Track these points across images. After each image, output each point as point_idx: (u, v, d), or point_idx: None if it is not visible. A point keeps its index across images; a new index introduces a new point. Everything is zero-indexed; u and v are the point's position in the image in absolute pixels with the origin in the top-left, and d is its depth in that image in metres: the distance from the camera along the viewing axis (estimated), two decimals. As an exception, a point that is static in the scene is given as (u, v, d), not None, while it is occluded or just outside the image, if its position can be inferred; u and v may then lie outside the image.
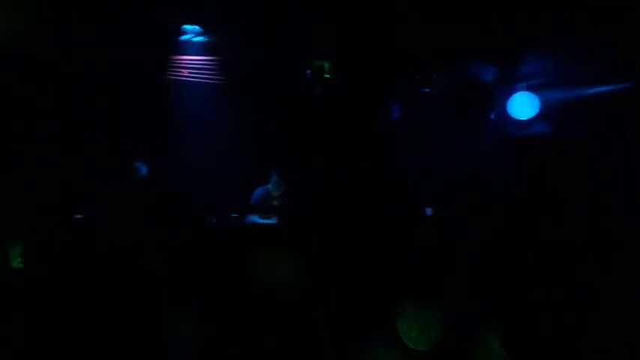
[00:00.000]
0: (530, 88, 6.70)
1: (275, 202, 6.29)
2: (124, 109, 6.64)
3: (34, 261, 3.14)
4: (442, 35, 6.22)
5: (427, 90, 7.09)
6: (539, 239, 3.63)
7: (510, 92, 6.64)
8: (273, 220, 6.06)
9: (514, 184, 5.93)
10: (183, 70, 6.89)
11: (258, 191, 6.39)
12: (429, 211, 5.25)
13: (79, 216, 4.28)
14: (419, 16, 5.90)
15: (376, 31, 6.28)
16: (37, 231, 3.51)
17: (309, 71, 6.49)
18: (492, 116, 6.76)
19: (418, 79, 6.81)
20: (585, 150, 5.65)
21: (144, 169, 6.33)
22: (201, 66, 6.91)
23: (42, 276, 3.07)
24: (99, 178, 5.58)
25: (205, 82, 6.94)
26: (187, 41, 6.80)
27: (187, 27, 6.66)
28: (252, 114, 7.02)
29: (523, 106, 6.63)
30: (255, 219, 6.00)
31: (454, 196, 6.43)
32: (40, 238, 3.37)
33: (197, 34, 6.75)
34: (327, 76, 6.41)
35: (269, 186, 6.39)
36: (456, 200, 6.24)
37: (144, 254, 3.18)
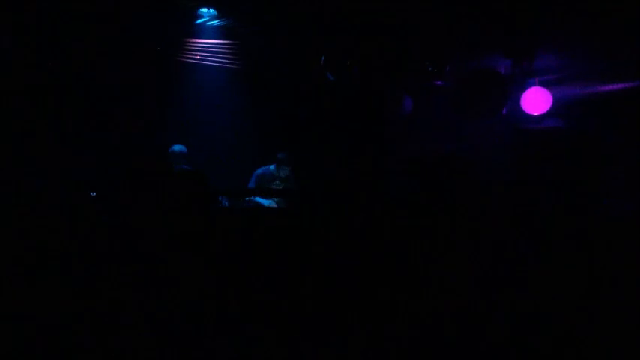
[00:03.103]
0: (543, 84, 6.64)
1: (277, 183, 6.30)
2: (135, 93, 6.73)
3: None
4: (455, 27, 6.19)
5: (439, 83, 7.06)
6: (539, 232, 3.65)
7: (523, 87, 6.59)
8: (273, 202, 6.07)
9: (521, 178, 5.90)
10: (196, 53, 6.93)
11: (259, 171, 6.40)
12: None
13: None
14: (432, 6, 5.88)
15: (389, 21, 6.27)
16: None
17: (323, 58, 6.49)
18: (504, 110, 6.71)
19: (430, 71, 6.77)
20: (592, 147, 5.61)
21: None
22: (214, 50, 6.94)
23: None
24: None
25: (218, 66, 6.98)
26: (202, 24, 6.85)
27: (203, 10, 6.70)
28: (264, 99, 7.06)
29: (536, 101, 6.58)
30: (259, 200, 6.03)
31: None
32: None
33: (212, 18, 6.78)
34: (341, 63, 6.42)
35: (270, 167, 6.40)
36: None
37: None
